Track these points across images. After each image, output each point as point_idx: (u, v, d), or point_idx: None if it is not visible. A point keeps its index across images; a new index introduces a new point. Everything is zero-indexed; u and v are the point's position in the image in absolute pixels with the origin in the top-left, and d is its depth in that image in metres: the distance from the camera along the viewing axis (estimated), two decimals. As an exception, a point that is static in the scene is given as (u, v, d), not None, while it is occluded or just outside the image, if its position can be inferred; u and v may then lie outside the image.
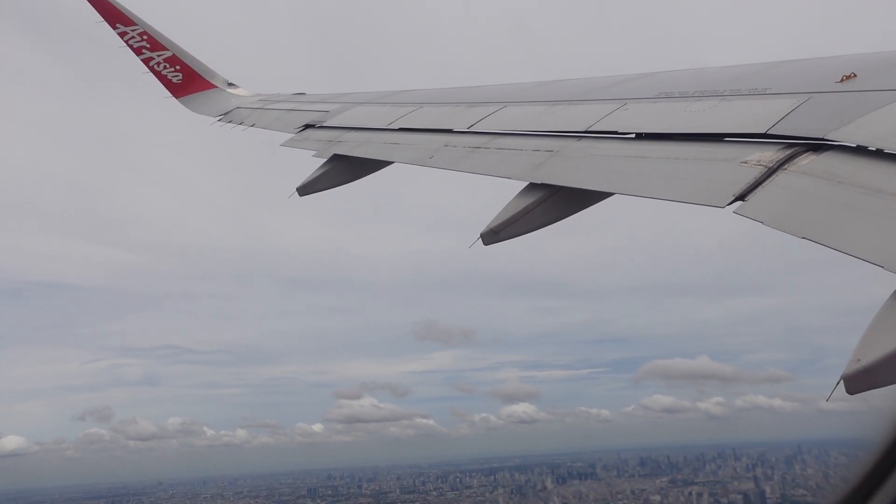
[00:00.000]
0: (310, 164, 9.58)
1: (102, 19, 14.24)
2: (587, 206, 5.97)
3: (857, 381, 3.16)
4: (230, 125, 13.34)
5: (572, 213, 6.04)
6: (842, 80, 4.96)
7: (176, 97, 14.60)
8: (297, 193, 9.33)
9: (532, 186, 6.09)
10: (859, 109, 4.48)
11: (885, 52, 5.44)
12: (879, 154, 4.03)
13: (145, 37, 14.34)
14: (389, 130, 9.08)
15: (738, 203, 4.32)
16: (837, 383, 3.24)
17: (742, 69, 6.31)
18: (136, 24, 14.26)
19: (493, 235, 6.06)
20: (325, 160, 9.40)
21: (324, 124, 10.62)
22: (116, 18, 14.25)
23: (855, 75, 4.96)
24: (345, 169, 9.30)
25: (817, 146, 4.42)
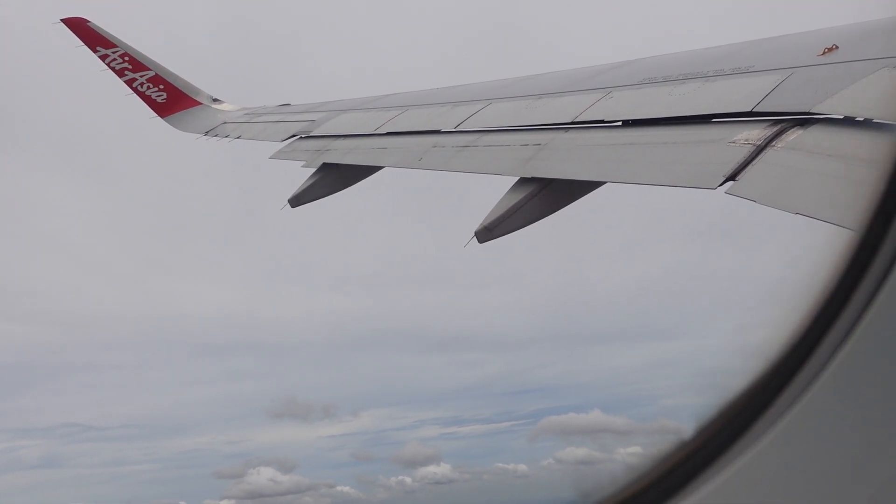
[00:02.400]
0: (300, 174, 9.59)
1: (83, 44, 14.21)
2: (579, 197, 5.96)
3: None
4: (216, 139, 13.34)
5: (565, 205, 6.04)
6: (823, 53, 4.96)
7: (161, 116, 14.57)
8: (289, 205, 9.33)
9: (523, 181, 6.08)
10: (843, 81, 4.48)
11: (863, 23, 5.43)
12: (867, 123, 4.03)
13: (126, 58, 14.31)
14: (377, 135, 9.06)
15: (730, 183, 4.32)
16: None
17: (723, 49, 6.30)
18: (116, 47, 14.23)
19: (487, 233, 6.05)
20: (314, 170, 9.39)
21: (311, 134, 10.60)
22: (97, 42, 14.21)
23: (836, 47, 4.95)
24: (335, 177, 9.29)
25: (804, 120, 4.42)
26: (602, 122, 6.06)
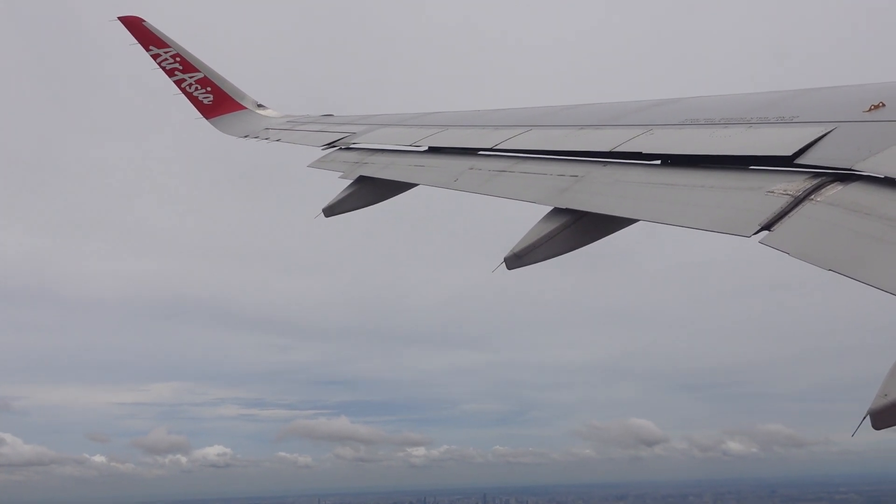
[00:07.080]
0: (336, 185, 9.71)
1: (136, 42, 14.59)
2: (611, 233, 5.96)
3: (885, 416, 3.14)
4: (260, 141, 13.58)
5: (596, 239, 6.04)
6: (870, 110, 4.93)
7: (206, 118, 14.88)
8: (322, 215, 9.45)
9: (556, 211, 6.11)
10: (887, 140, 4.45)
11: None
12: None
13: (178, 59, 14.65)
14: (415, 153, 9.16)
15: (765, 233, 4.31)
16: (864, 417, 3.21)
17: (768, 96, 6.28)
18: (168, 47, 14.59)
19: (516, 260, 6.07)
20: (351, 181, 9.51)
21: (350, 145, 10.75)
22: (150, 41, 14.58)
23: (883, 104, 4.92)
24: (370, 190, 9.39)
25: (845, 176, 4.40)
26: (640, 157, 6.08)
